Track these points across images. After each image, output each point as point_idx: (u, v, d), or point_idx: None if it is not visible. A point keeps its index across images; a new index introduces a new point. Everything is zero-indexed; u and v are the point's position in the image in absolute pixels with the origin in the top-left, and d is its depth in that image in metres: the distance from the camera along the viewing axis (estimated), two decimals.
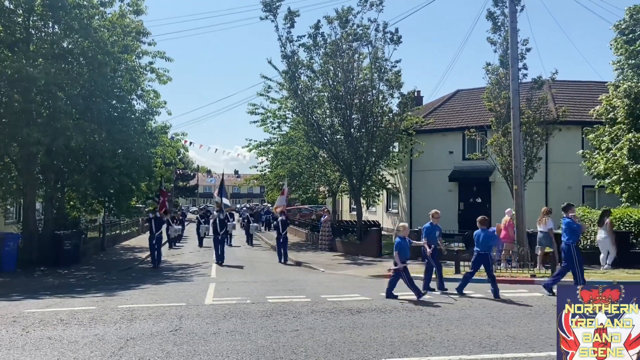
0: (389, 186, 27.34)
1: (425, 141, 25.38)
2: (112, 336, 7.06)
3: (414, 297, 9.90)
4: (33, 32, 17.41)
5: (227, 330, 7.41)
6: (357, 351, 6.33)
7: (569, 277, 10.81)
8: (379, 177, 25.86)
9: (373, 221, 25.83)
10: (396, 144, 25.11)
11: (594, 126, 18.64)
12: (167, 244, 23.98)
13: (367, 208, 30.19)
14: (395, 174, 27.70)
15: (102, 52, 17.24)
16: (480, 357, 6.10)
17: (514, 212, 15.55)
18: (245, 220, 28.97)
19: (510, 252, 15.14)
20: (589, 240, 15.80)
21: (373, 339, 6.91)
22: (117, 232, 28.86)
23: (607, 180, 17.08)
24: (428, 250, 11.44)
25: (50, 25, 17.58)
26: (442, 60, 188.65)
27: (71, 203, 22.51)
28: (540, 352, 6.27)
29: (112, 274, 16.00)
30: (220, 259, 17.92)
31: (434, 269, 11.62)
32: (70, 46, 17.77)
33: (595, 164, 17.61)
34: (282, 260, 18.57)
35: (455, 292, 10.67)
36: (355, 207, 23.32)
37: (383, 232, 21.77)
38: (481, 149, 21.65)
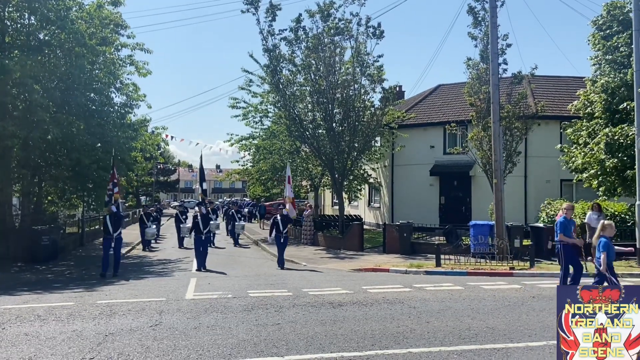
0: (371, 180, 27.46)
1: (407, 135, 25.52)
2: (90, 332, 6.97)
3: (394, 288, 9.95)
4: (8, 23, 16.99)
5: (208, 324, 7.38)
6: (338, 344, 6.35)
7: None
8: (361, 171, 25.94)
9: (355, 215, 25.97)
10: (378, 138, 25.21)
11: (572, 121, 18.93)
12: (141, 245, 21.88)
13: (349, 202, 30.28)
14: (377, 168, 27.82)
15: (79, 44, 16.90)
16: (460, 348, 6.18)
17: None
18: (230, 218, 24.56)
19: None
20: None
21: (354, 331, 6.95)
22: (97, 227, 28.41)
23: (584, 175, 17.38)
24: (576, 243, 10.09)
25: (26, 16, 17.16)
26: (424, 55, 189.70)
27: (49, 198, 22.09)
28: (519, 342, 6.38)
29: (91, 270, 15.76)
30: (201, 264, 14.77)
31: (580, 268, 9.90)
32: (46, 38, 17.39)
33: (573, 158, 17.89)
34: (280, 266, 15.32)
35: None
36: (337, 201, 23.36)
37: (365, 227, 21.88)
38: (462, 143, 21.84)
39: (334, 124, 21.32)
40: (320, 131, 22.19)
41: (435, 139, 25.46)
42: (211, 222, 16.60)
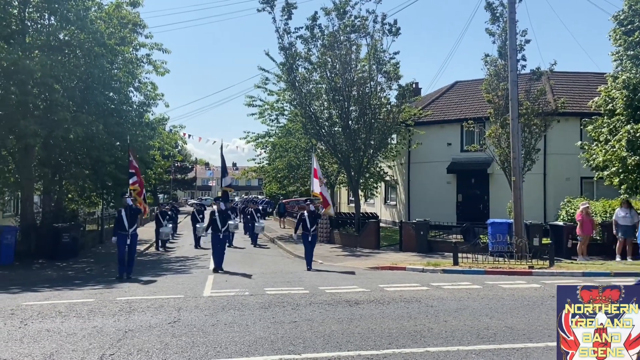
0: (387, 178, 27.35)
1: (424, 133, 25.34)
2: (110, 328, 7.06)
3: (401, 287, 9.91)
4: (29, 23, 17.28)
5: (225, 322, 7.42)
6: (355, 342, 6.34)
7: None
8: (377, 169, 25.85)
9: (371, 213, 25.86)
10: (394, 135, 25.09)
11: (593, 117, 18.60)
12: (155, 246, 21.33)
13: (365, 200, 30.21)
14: (394, 165, 27.69)
15: (98, 44, 17.15)
16: (479, 347, 6.12)
17: (587, 205, 15.49)
18: (249, 217, 23.45)
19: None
20: None
21: (371, 330, 6.93)
22: None
23: (605, 172, 17.07)
24: None
25: (46, 16, 17.45)
26: (441, 52, 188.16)
27: (69, 196, 22.46)
28: (538, 342, 6.30)
29: (111, 267, 15.97)
30: (219, 265, 13.85)
31: None
32: (66, 38, 17.65)
33: (594, 156, 17.59)
34: (308, 267, 14.21)
35: None
36: (353, 199, 23.32)
37: (381, 224, 21.80)
38: (479, 140, 21.62)
39: (350, 122, 21.28)
40: (336, 129, 22.17)
41: (452, 136, 25.25)
42: (230, 221, 15.25)
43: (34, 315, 7.91)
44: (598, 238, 16.06)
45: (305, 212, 15.06)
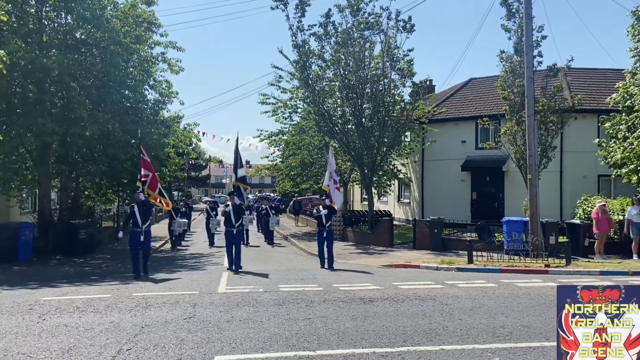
0: (401, 176, 27.24)
1: (438, 130, 25.18)
2: (127, 323, 7.14)
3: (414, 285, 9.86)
4: (46, 22, 17.50)
5: (240, 318, 7.46)
6: (369, 340, 6.33)
7: None
8: (391, 166, 25.76)
9: (384, 211, 25.80)
10: (408, 133, 24.96)
11: (611, 114, 18.33)
12: (169, 243, 21.07)
13: (379, 198, 30.14)
14: (407, 163, 27.57)
15: (114, 43, 17.31)
16: (494, 346, 6.08)
17: (604, 202, 15.32)
18: (263, 214, 22.79)
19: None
20: None
21: (386, 327, 6.91)
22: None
23: (623, 170, 16.83)
24: None
25: (63, 15, 17.66)
26: (456, 48, 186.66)
27: (86, 193, 22.75)
28: (555, 341, 6.21)
29: (127, 263, 16.14)
30: (235, 264, 13.05)
31: None
32: (83, 37, 17.85)
33: (612, 153, 17.35)
34: (328, 265, 13.72)
35: None
36: (366, 197, 23.27)
37: (394, 222, 21.72)
38: (494, 138, 21.43)
39: (363, 119, 21.23)
40: (349, 126, 22.13)
41: (466, 133, 25.05)
42: (245, 215, 14.45)
43: (52, 310, 8.03)
44: (615, 236, 15.84)
45: (321, 207, 14.61)
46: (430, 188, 26.12)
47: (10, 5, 15.61)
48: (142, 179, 13.77)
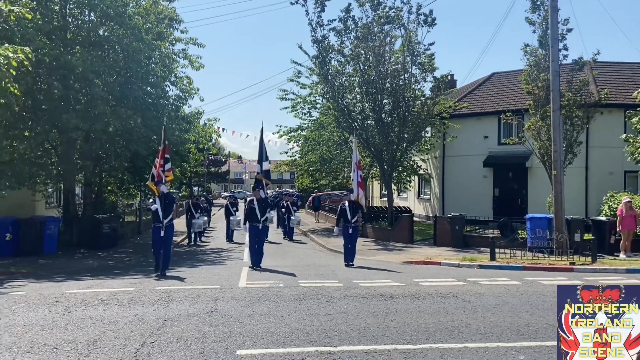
0: (421, 172, 27.02)
1: (459, 126, 24.88)
2: (150, 317, 7.21)
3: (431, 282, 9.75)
4: (70, 20, 17.77)
5: (261, 312, 7.47)
6: (391, 336, 6.28)
7: None
8: (411, 162, 25.56)
9: (404, 207, 25.66)
10: (428, 128, 24.73)
11: (638, 109, 17.88)
12: (187, 240, 20.84)
13: (398, 194, 29.93)
14: (428, 159, 27.32)
15: (136, 40, 17.50)
16: (519, 344, 5.97)
17: (629, 199, 15.01)
18: (284, 210, 22.16)
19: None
20: None
21: (407, 324, 6.85)
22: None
23: None
24: None
25: (87, 13, 17.93)
26: (478, 42, 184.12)
27: (109, 188, 23.11)
28: None
29: (149, 257, 16.33)
30: (257, 262, 12.52)
31: None
32: (106, 34, 18.09)
33: (639, 149, 16.92)
34: (350, 262, 13.33)
35: None
36: (386, 193, 23.14)
37: (414, 219, 21.57)
38: (518, 133, 21.06)
39: (383, 115, 21.09)
40: (369, 122, 22.01)
41: (489, 129, 24.70)
42: (269, 211, 13.90)
43: (77, 303, 8.15)
44: None
45: (346, 202, 13.96)
46: (451, 184, 25.85)
47: (35, 3, 15.89)
48: (160, 169, 12.48)
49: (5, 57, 10.97)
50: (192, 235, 20.54)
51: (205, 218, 22.15)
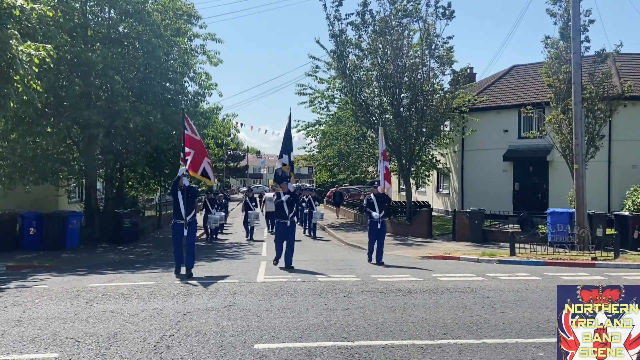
0: (440, 166, 26.80)
1: (479, 119, 24.59)
2: (169, 310, 7.31)
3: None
4: (90, 17, 18.01)
5: (279, 307, 7.52)
6: (408, 331, 6.26)
7: None
8: (429, 157, 25.37)
9: (422, 202, 25.47)
10: (447, 122, 24.49)
11: None
12: (205, 237, 19.92)
13: (417, 188, 29.74)
14: (446, 153, 27.08)
15: (155, 36, 17.68)
16: (539, 341, 5.90)
17: None
18: (305, 205, 21.28)
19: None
20: None
21: (425, 319, 6.82)
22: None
23: None
24: None
25: (106, 10, 18.14)
26: (497, 35, 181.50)
27: (129, 183, 23.43)
28: None
29: (169, 251, 16.54)
30: (287, 259, 11.60)
31: None
32: (125, 30, 18.30)
33: None
34: (377, 260, 12.46)
35: None
36: (404, 187, 23.01)
37: (433, 213, 21.42)
38: (538, 126, 20.75)
39: (401, 109, 20.95)
40: (387, 116, 21.89)
41: (509, 122, 24.35)
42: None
43: (99, 297, 8.31)
44: None
45: (372, 195, 12.99)
46: (470, 178, 25.58)
47: (56, 1, 16.14)
48: (186, 158, 11.07)
49: (28, 54, 11.19)
50: (209, 232, 19.76)
51: (222, 214, 21.25)
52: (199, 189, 19.03)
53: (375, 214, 12.72)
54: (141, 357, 5.35)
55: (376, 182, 13.44)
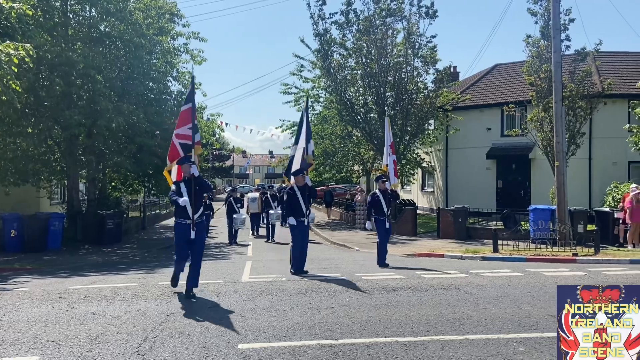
0: (424, 164, 26.99)
1: (462, 118, 24.80)
2: (153, 312, 7.25)
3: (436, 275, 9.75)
4: (71, 16, 17.79)
5: (263, 306, 7.50)
6: (392, 329, 6.30)
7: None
8: (414, 155, 25.53)
9: (408, 200, 25.64)
10: (431, 121, 24.69)
11: None
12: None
13: (402, 187, 29.93)
14: (431, 152, 27.28)
15: (137, 35, 17.52)
16: (520, 336, 5.97)
17: (638, 191, 14.83)
18: None
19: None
20: None
21: (409, 317, 6.86)
22: (157, 211, 29.66)
23: None
24: None
25: (87, 8, 17.95)
26: (480, 34, 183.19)
27: (112, 184, 23.19)
28: None
29: (153, 252, 16.43)
30: (300, 264, 10.40)
31: None
32: (107, 29, 18.11)
33: None
34: (381, 262, 11.56)
35: None
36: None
37: (418, 211, 21.58)
38: (521, 124, 21.02)
39: (385, 108, 21.05)
40: (371, 115, 21.99)
41: (492, 121, 24.64)
42: (272, 210, 11.33)
43: (81, 299, 8.20)
44: None
45: (377, 191, 11.81)
46: (454, 176, 25.82)
47: (36, 0, 15.90)
48: (184, 141, 8.90)
49: (7, 54, 11.01)
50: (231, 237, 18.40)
51: (208, 212, 20.71)
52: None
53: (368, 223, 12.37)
54: (123, 359, 5.30)
55: (384, 177, 12.21)
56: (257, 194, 19.71)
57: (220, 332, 6.18)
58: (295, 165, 10.92)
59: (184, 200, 7.90)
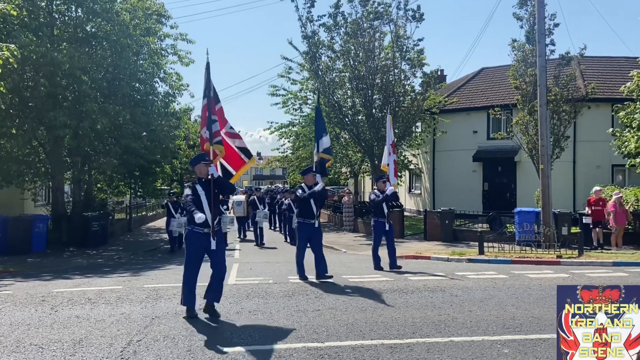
0: (412, 167, 27.14)
1: (449, 121, 24.99)
2: (138, 315, 7.20)
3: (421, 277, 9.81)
4: (56, 16, 17.62)
5: (249, 309, 7.49)
6: (378, 331, 6.32)
7: None
8: (401, 157, 25.65)
9: (395, 202, 25.71)
10: (419, 124, 24.83)
11: (625, 103, 18.05)
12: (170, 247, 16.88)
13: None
14: (418, 154, 27.44)
15: (124, 36, 17.39)
16: (504, 338, 6.03)
17: (621, 195, 15.07)
18: (284, 209, 19.24)
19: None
20: None
21: (395, 319, 6.89)
22: (143, 213, 29.44)
23: (638, 159, 16.61)
24: None
25: (73, 9, 17.77)
26: (467, 38, 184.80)
27: (98, 185, 22.97)
28: None
29: (139, 255, 16.30)
30: (321, 268, 9.78)
31: None
32: (93, 30, 17.95)
33: (626, 143, 17.10)
34: (391, 265, 11.17)
35: None
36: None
37: (405, 213, 21.67)
38: (506, 128, 21.25)
39: (373, 110, 21.13)
40: (359, 117, 22.05)
41: (478, 124, 24.86)
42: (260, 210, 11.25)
43: (64, 302, 8.11)
44: (630, 227, 15.65)
45: (377, 191, 11.40)
46: (441, 179, 25.99)
47: (20, 0, 15.71)
48: (206, 134, 7.48)
49: None
50: (172, 240, 16.80)
51: (186, 218, 19.45)
52: (172, 191, 18.48)
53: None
54: None
55: (384, 177, 11.75)
56: (242, 197, 19.27)
57: (205, 336, 6.15)
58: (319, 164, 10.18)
59: (199, 217, 6.53)
